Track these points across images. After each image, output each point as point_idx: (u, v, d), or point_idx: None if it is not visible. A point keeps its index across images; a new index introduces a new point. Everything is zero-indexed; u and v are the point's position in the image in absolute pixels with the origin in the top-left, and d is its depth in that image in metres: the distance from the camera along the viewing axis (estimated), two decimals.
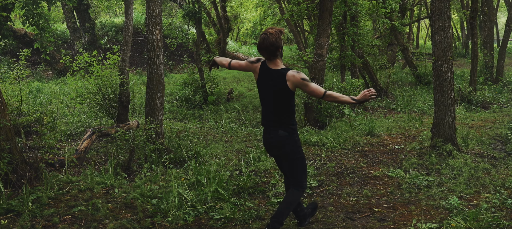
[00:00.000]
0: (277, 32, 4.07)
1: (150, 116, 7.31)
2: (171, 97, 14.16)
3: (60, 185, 5.73)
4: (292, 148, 4.22)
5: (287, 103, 4.16)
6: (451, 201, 5.03)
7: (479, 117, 11.16)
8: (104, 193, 5.60)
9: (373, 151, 7.81)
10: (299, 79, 4.05)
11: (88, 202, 5.19)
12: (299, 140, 4.30)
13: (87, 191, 5.61)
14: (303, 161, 4.30)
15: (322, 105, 9.43)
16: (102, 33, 22.43)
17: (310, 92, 4.11)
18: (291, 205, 4.26)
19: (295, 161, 4.26)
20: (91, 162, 6.99)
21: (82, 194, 5.50)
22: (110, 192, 5.64)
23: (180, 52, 23.08)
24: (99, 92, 9.02)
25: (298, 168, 4.28)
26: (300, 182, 4.29)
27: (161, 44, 7.41)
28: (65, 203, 5.20)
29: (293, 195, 4.28)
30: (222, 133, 9.88)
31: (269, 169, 6.60)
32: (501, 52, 17.29)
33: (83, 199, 5.34)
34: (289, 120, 4.20)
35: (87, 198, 5.38)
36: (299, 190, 4.30)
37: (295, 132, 4.26)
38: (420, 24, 37.55)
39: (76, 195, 5.44)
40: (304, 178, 4.31)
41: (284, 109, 4.17)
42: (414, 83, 17.46)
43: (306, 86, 4.07)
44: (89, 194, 5.48)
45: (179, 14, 23.51)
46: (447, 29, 7.22)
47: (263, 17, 27.49)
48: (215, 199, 5.36)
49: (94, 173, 6.19)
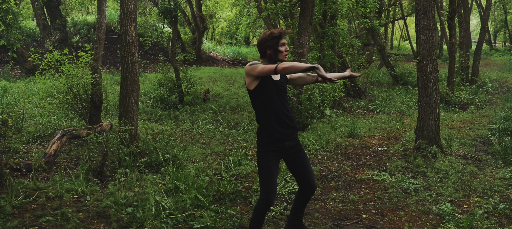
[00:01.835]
0: (266, 32, 3.80)
1: (124, 118, 6.92)
2: (146, 97, 13.72)
3: (27, 192, 5.31)
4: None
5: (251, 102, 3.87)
6: (443, 207, 4.83)
7: (458, 118, 11.12)
8: (74, 201, 5.20)
9: (356, 154, 7.60)
10: (247, 68, 3.73)
11: (57, 211, 4.79)
12: (260, 145, 3.89)
13: (56, 199, 5.20)
14: (260, 169, 3.88)
15: (302, 105, 9.18)
16: (74, 31, 21.73)
17: (260, 73, 3.67)
18: (254, 215, 3.88)
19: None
20: (60, 166, 6.57)
21: (51, 202, 5.09)
22: (81, 200, 5.24)
23: (155, 51, 22.59)
24: (70, 92, 8.63)
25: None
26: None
27: (136, 41, 7.04)
28: (31, 213, 4.79)
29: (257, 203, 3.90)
30: (199, 134, 9.55)
31: (250, 173, 6.31)
32: (476, 53, 17.41)
33: (52, 208, 4.94)
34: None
35: (56, 206, 4.97)
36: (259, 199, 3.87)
37: (258, 135, 3.93)
38: (394, 25, 37.85)
39: (44, 204, 5.03)
40: (261, 187, 3.85)
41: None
42: (392, 84, 17.44)
43: (255, 70, 3.68)
44: (58, 203, 5.08)
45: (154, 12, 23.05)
46: (432, 28, 7.07)
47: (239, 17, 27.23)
48: (195, 207, 5.03)
49: (63, 179, 5.78)
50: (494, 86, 16.67)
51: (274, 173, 3.81)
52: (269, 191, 3.76)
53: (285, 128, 3.81)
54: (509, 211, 4.81)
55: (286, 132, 3.82)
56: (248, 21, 24.81)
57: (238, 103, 13.21)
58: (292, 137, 3.87)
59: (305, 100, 9.27)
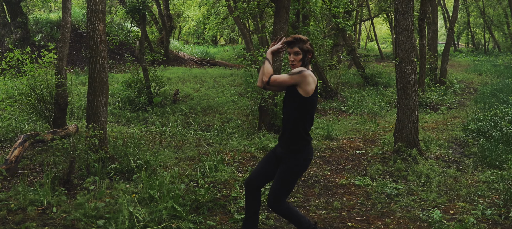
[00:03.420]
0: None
1: (93, 121, 6.51)
2: (113, 99, 13.22)
3: None
4: None
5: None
6: (433, 215, 4.66)
7: (430, 119, 11.13)
8: (39, 213, 4.79)
9: (335, 157, 7.42)
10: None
11: (20, 226, 4.39)
12: None
13: (19, 211, 4.78)
14: None
15: (278, 107, 8.94)
16: (36, 29, 20.84)
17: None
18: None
19: None
20: (23, 174, 6.12)
21: (13, 215, 4.67)
22: (47, 211, 4.84)
23: (121, 51, 21.96)
24: (32, 93, 8.17)
25: None
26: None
27: (104, 40, 6.64)
28: None
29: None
30: (170, 137, 9.19)
31: (228, 179, 6.01)
32: (444, 54, 17.62)
33: (14, 221, 4.52)
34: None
35: (18, 220, 4.56)
36: None
37: None
38: (361, 26, 38.19)
39: (5, 217, 4.61)
40: None
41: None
42: (362, 84, 17.44)
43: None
44: (21, 216, 4.66)
45: (120, 11, 22.44)
46: (411, 29, 6.95)
47: (207, 16, 26.87)
48: (171, 217, 4.71)
49: (27, 189, 5.34)
50: (461, 87, 16.89)
51: (262, 163, 4.03)
52: (250, 175, 4.06)
53: (281, 134, 3.92)
54: (497, 217, 4.69)
55: (280, 138, 3.94)
56: (216, 21, 24.50)
57: (209, 105, 12.89)
58: (281, 145, 3.91)
59: (281, 101, 9.03)
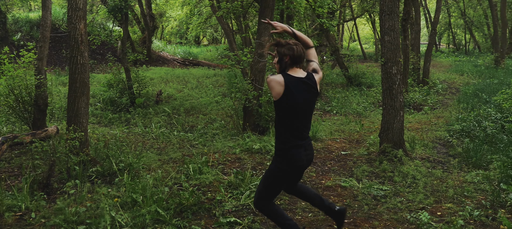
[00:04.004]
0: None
1: (74, 123, 6.34)
2: (95, 100, 13.00)
3: None
4: None
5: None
6: (421, 216, 4.62)
7: (414, 119, 11.16)
8: (17, 219, 4.62)
9: (320, 158, 7.35)
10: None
11: None
12: None
13: None
14: None
15: (262, 108, 8.86)
16: (15, 29, 20.43)
17: None
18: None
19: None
20: (0, 177, 5.93)
21: None
22: (25, 217, 4.67)
23: (103, 51, 21.67)
24: (11, 94, 7.98)
25: None
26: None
27: (86, 40, 6.48)
28: None
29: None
30: (153, 139, 9.05)
31: (212, 182, 5.90)
32: (427, 55, 17.71)
33: None
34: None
35: None
36: None
37: None
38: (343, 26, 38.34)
39: None
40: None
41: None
42: (346, 84, 17.45)
43: None
44: None
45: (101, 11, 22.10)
46: (396, 30, 6.92)
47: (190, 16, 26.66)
48: (155, 222, 4.59)
49: (4, 193, 5.16)
50: (443, 87, 17.01)
51: None
52: None
53: None
54: (485, 218, 4.67)
55: None
56: (198, 21, 24.31)
57: (192, 105, 12.75)
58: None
59: (265, 102, 8.96)
